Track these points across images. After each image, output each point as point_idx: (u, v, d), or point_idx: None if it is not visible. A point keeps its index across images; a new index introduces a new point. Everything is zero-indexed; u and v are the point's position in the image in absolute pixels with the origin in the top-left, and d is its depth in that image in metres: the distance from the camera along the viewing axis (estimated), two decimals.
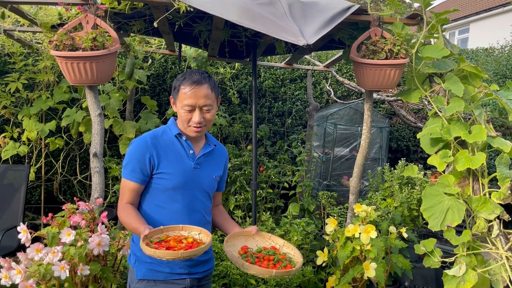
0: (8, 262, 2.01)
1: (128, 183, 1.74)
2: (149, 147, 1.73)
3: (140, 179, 1.74)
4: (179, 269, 1.76)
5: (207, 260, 1.87)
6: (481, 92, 2.53)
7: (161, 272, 1.75)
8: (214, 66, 4.80)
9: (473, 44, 14.36)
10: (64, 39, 2.16)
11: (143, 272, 1.75)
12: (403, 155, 5.48)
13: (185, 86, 1.72)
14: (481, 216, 2.22)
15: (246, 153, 4.14)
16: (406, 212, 3.40)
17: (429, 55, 2.43)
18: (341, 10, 2.42)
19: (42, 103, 3.86)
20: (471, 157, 2.25)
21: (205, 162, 1.84)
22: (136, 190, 1.76)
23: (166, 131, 1.82)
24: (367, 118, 2.74)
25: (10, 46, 3.77)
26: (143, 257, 1.75)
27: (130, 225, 1.69)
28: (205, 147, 1.85)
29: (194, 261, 1.78)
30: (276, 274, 1.54)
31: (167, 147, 1.77)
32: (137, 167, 1.72)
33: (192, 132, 1.76)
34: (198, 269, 1.81)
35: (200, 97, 1.71)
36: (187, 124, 1.75)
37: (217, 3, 2.33)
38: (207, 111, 1.75)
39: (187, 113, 1.73)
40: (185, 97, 1.72)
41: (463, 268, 2.22)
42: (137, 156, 1.73)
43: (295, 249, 1.77)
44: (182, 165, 1.77)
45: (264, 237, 1.86)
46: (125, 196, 1.76)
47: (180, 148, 1.79)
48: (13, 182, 3.61)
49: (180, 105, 1.74)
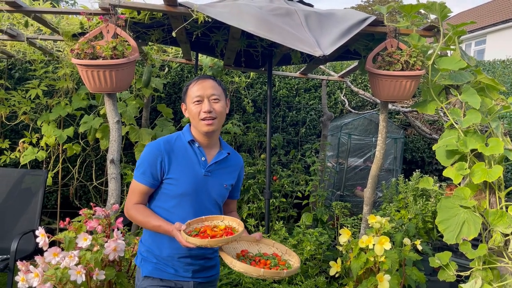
0: (26, 265, 2.05)
1: (138, 185, 1.78)
2: (162, 152, 1.76)
3: (150, 182, 1.76)
4: (183, 272, 1.79)
5: (212, 266, 1.89)
6: (498, 105, 2.51)
7: (166, 272, 1.78)
8: (229, 75, 4.84)
9: (489, 55, 14.20)
10: (85, 48, 2.21)
11: (149, 270, 1.79)
12: (417, 166, 5.43)
13: (192, 85, 1.82)
14: (498, 230, 2.19)
15: (259, 162, 4.16)
16: (421, 224, 3.36)
17: (445, 67, 2.43)
18: (358, 21, 2.44)
19: (61, 110, 3.94)
20: (487, 170, 2.23)
21: (216, 170, 1.84)
22: (145, 193, 1.79)
23: (180, 137, 1.85)
24: (382, 129, 2.74)
25: (31, 53, 3.86)
26: (149, 257, 1.81)
27: (149, 223, 1.73)
28: (217, 155, 1.85)
29: (199, 266, 1.81)
30: (264, 273, 1.54)
31: (179, 153, 1.79)
32: (148, 170, 1.75)
33: (204, 126, 1.77)
34: (202, 274, 1.83)
35: (207, 88, 1.78)
36: (198, 118, 1.77)
37: (234, 13, 2.36)
38: (215, 101, 1.78)
39: (196, 105, 1.77)
40: (193, 91, 1.79)
41: (479, 282, 2.19)
42: (149, 159, 1.76)
43: (296, 256, 1.76)
44: (192, 172, 1.78)
45: (268, 244, 1.86)
46: (134, 197, 1.80)
47: (193, 155, 1.81)
48: (31, 186, 3.67)
49: (190, 102, 1.79)
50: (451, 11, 2.53)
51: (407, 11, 2.53)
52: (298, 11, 2.44)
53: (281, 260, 1.71)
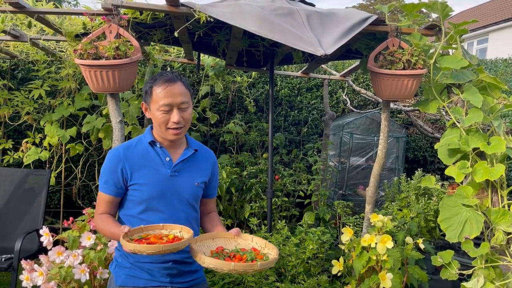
0: (30, 264, 2.07)
1: (102, 195, 1.70)
2: (121, 159, 1.67)
3: (114, 191, 1.68)
4: (160, 277, 1.68)
5: (192, 271, 1.78)
6: (500, 103, 2.51)
7: (141, 278, 1.68)
8: (231, 74, 4.86)
9: (492, 54, 14.18)
10: (88, 48, 2.22)
11: (122, 279, 1.69)
12: (419, 165, 5.43)
13: (158, 86, 1.65)
14: (500, 229, 2.19)
15: (261, 161, 4.17)
16: (423, 223, 3.37)
17: (447, 65, 2.43)
18: (359, 20, 2.44)
19: (64, 110, 3.95)
20: (490, 169, 2.23)
21: (184, 168, 1.74)
22: (111, 202, 1.70)
23: (141, 140, 1.75)
24: (384, 128, 2.74)
25: (34, 54, 3.88)
26: (123, 263, 1.71)
27: (108, 231, 1.64)
28: (184, 153, 1.75)
29: (177, 270, 1.71)
30: (235, 267, 1.43)
31: (140, 157, 1.70)
32: (110, 179, 1.67)
33: (171, 135, 1.68)
34: (181, 278, 1.73)
35: (176, 95, 1.64)
36: (165, 127, 1.66)
37: (236, 13, 2.37)
38: (184, 109, 1.67)
39: (164, 114, 1.64)
40: (160, 97, 1.64)
41: (481, 280, 2.19)
42: (110, 167, 1.68)
43: (274, 248, 1.65)
44: (156, 174, 1.68)
45: (246, 239, 1.75)
46: (100, 208, 1.71)
47: (155, 156, 1.71)
48: (34, 186, 3.69)
49: (156, 107, 1.65)
50: (452, 10, 2.53)
51: (409, 10, 2.54)
52: (300, 10, 2.44)
53: (259, 254, 1.61)
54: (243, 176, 3.97)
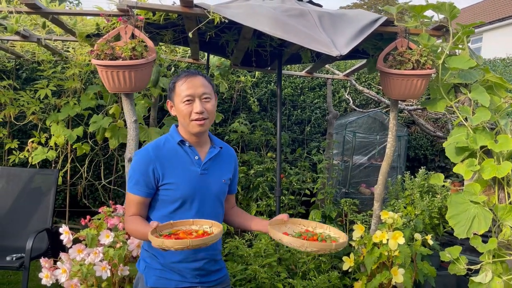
0: (49, 262, 2.10)
1: (132, 196, 1.70)
2: (152, 159, 1.68)
3: (145, 192, 1.69)
4: (190, 277, 1.71)
5: (218, 269, 1.82)
6: (507, 103, 2.57)
7: (171, 280, 1.69)
8: (235, 74, 4.89)
9: (486, 53, 14.31)
10: (105, 49, 2.25)
11: (153, 280, 1.69)
12: (420, 163, 5.51)
13: (180, 81, 1.70)
14: (507, 224, 2.24)
15: (267, 160, 4.21)
16: (427, 220, 3.43)
17: (455, 65, 2.49)
18: (370, 21, 2.49)
19: (70, 109, 3.96)
20: (497, 166, 2.28)
21: (212, 166, 1.78)
22: (141, 203, 1.71)
23: (168, 140, 1.76)
24: (392, 127, 2.79)
25: (40, 54, 3.89)
26: (153, 264, 1.72)
27: (139, 232, 1.64)
28: (210, 151, 1.79)
29: (205, 270, 1.74)
30: (336, 246, 1.53)
31: (170, 156, 1.71)
32: (141, 180, 1.68)
33: (195, 127, 1.69)
34: (209, 278, 1.76)
35: (197, 86, 1.68)
36: (189, 119, 1.69)
37: (249, 14, 2.41)
38: (206, 100, 1.70)
39: (187, 105, 1.68)
40: (182, 89, 1.68)
41: (489, 275, 2.25)
42: (140, 169, 1.68)
43: (330, 228, 1.74)
44: (188, 173, 1.71)
45: (295, 223, 1.81)
46: (131, 209, 1.71)
47: (185, 156, 1.73)
48: (41, 186, 3.70)
49: (179, 100, 1.69)
50: (459, 11, 2.59)
51: (417, 11, 2.59)
52: (311, 11, 2.49)
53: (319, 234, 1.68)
54: (249, 175, 4.01)
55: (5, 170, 3.79)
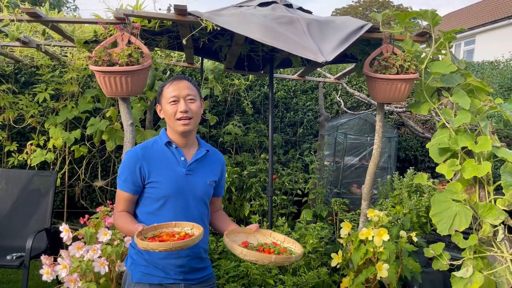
0: (50, 259, 2.20)
1: (121, 193, 1.81)
2: (139, 158, 1.78)
3: (132, 189, 1.79)
4: (173, 274, 1.78)
5: (203, 268, 1.89)
6: (486, 105, 2.69)
7: (156, 276, 1.77)
8: (229, 77, 5.01)
9: (479, 55, 14.50)
10: (103, 55, 2.36)
11: (138, 276, 1.78)
12: (410, 164, 5.63)
13: (167, 85, 1.84)
14: (487, 222, 2.34)
15: (260, 161, 4.32)
16: (415, 219, 3.54)
17: (437, 70, 2.60)
18: (356, 28, 2.61)
19: (68, 113, 4.06)
20: (477, 166, 2.39)
21: (198, 168, 1.86)
22: (129, 200, 1.81)
23: (157, 141, 1.87)
24: (379, 129, 2.91)
25: (39, 58, 3.99)
26: (138, 260, 1.80)
27: (126, 228, 1.74)
28: (197, 153, 1.88)
29: (188, 267, 1.81)
30: (276, 259, 1.56)
31: (157, 157, 1.81)
32: (129, 177, 1.77)
33: (180, 126, 1.79)
34: (192, 275, 1.83)
35: (182, 88, 1.80)
36: (174, 118, 1.79)
37: (241, 22, 2.52)
38: (191, 101, 1.81)
39: (172, 106, 1.79)
40: (168, 91, 1.81)
41: (470, 270, 2.35)
42: (128, 167, 1.78)
43: (295, 243, 1.78)
44: (173, 173, 1.80)
45: (265, 234, 1.87)
46: (119, 206, 1.82)
47: (171, 156, 1.83)
48: (40, 187, 3.80)
49: (165, 102, 1.81)
50: (441, 18, 2.72)
51: (401, 18, 2.71)
52: (300, 19, 2.60)
53: (281, 248, 1.73)
54: (243, 176, 4.12)
55: (5, 172, 3.88)
